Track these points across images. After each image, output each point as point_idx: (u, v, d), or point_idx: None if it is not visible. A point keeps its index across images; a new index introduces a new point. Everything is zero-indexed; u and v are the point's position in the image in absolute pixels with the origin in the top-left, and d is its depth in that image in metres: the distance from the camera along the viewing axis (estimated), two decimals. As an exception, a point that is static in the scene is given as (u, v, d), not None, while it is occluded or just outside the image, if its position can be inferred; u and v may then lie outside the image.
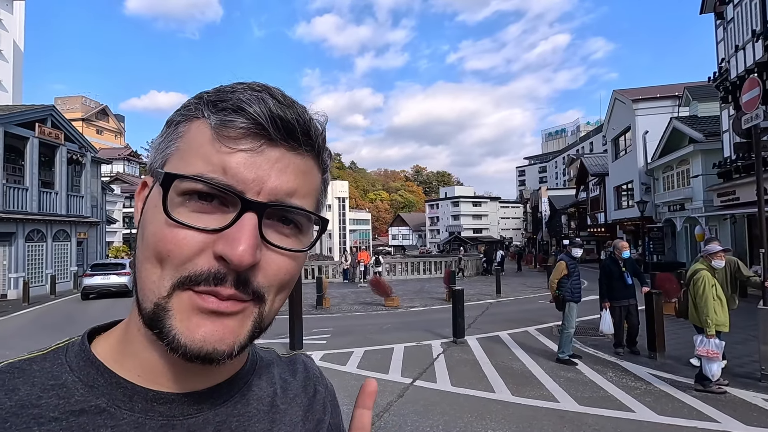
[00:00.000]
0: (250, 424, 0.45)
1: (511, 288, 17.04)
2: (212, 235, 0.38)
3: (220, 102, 0.40)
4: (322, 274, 20.91)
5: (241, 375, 0.47)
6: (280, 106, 0.40)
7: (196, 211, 0.38)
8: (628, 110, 23.66)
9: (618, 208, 26.63)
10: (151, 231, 0.39)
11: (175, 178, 0.38)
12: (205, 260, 0.37)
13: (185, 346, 0.37)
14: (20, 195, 16.74)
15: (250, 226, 0.38)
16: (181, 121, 0.42)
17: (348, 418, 0.52)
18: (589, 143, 62.17)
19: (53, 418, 0.37)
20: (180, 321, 0.37)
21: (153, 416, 0.40)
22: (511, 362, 6.53)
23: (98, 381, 0.40)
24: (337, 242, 63.54)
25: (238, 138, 0.39)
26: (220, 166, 0.38)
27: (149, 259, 0.39)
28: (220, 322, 0.38)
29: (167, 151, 0.42)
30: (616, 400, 4.85)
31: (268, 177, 0.39)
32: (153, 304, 0.38)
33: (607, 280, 6.79)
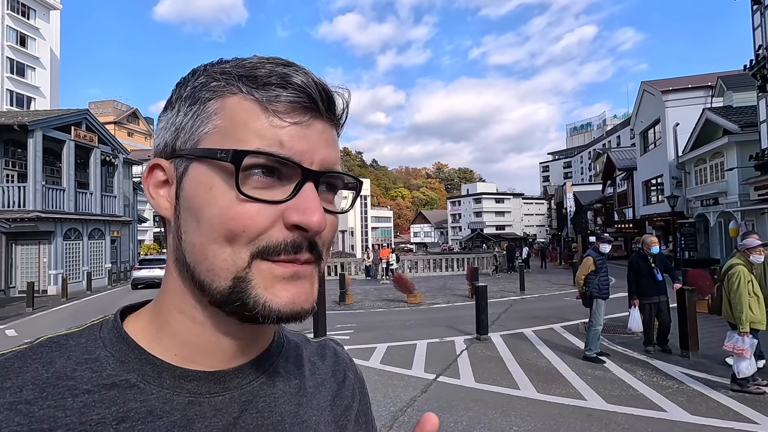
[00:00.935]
0: (276, 405, 0.45)
1: (536, 285, 16.77)
2: (279, 206, 0.39)
3: (257, 77, 0.40)
4: (345, 270, 21.07)
5: (267, 356, 0.48)
6: (317, 79, 0.42)
7: (261, 186, 0.39)
8: (657, 102, 22.84)
9: (647, 203, 25.78)
10: (216, 212, 0.39)
11: (246, 155, 0.38)
12: (278, 231, 0.39)
13: (278, 310, 0.39)
14: (58, 195, 17.53)
15: (314, 194, 0.40)
16: (209, 99, 0.41)
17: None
18: (616, 137, 60.35)
19: (86, 390, 0.38)
20: (265, 289, 0.39)
21: (180, 392, 0.40)
22: (536, 359, 6.44)
23: (129, 357, 0.41)
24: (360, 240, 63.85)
25: (287, 112, 0.40)
26: (276, 140, 0.39)
27: (216, 240, 0.39)
28: (300, 284, 0.40)
29: (200, 130, 0.41)
30: (646, 399, 4.72)
31: (318, 148, 0.41)
32: (232, 279, 0.39)
33: (635, 276, 6.59)
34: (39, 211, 16.21)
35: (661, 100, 22.31)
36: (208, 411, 0.41)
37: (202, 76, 0.43)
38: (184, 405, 0.40)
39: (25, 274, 16.67)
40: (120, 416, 0.37)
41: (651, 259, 6.48)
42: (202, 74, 0.43)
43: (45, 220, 16.57)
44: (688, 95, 21.89)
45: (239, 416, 0.42)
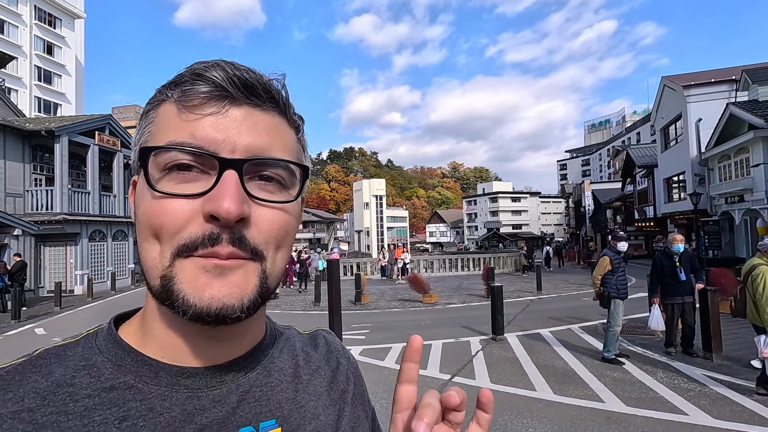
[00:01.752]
0: (273, 393, 0.47)
1: (553, 285, 16.53)
2: (198, 199, 0.39)
3: (179, 78, 0.42)
4: (361, 270, 21.17)
5: (261, 348, 0.49)
6: (236, 69, 0.42)
7: (179, 182, 0.40)
8: (678, 97, 22.24)
9: (668, 201, 25.13)
10: (142, 210, 0.41)
11: (151, 151, 0.40)
12: (197, 226, 0.39)
13: (195, 305, 0.38)
14: (83, 198, 18.09)
15: (231, 181, 0.39)
16: (149, 110, 0.44)
17: (386, 412, 0.55)
18: (636, 134, 58.97)
19: (86, 395, 0.39)
20: (186, 283, 0.38)
21: (178, 389, 0.42)
22: (553, 360, 6.38)
23: (125, 360, 0.42)
24: (375, 240, 63.95)
25: (201, 104, 0.40)
26: (188, 133, 0.39)
27: (146, 239, 0.40)
28: (226, 279, 0.39)
29: (140, 140, 0.43)
30: (667, 402, 4.63)
31: (239, 135, 0.40)
32: (159, 277, 0.39)
33: (657, 275, 6.42)
34: (66, 214, 16.76)
35: (682, 95, 21.71)
36: (207, 403, 0.42)
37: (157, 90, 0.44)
38: (182, 400, 0.41)
39: (53, 274, 17.25)
40: (121, 416, 0.39)
41: (677, 258, 6.30)
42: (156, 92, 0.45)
43: (71, 222, 17.13)
44: (711, 89, 21.24)
45: (237, 406, 0.43)
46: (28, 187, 16.85)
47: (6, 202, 15.71)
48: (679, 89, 22.11)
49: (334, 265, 7.82)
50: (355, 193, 70.81)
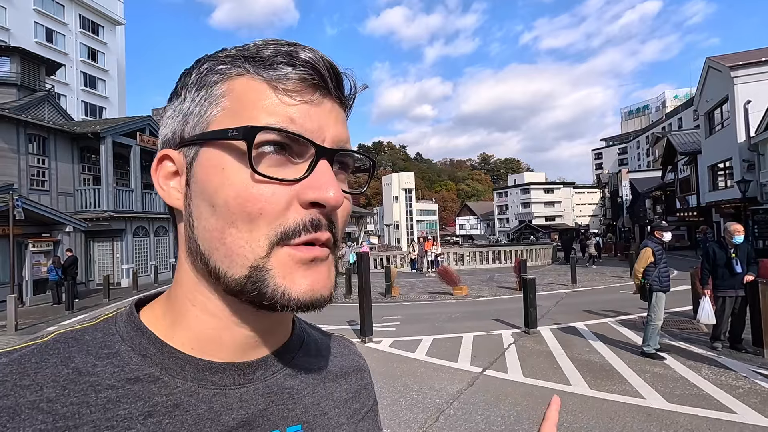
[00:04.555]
0: (300, 397, 0.45)
1: (588, 277, 16.04)
2: (293, 185, 0.38)
3: (264, 58, 0.39)
4: (391, 263, 21.27)
5: (288, 348, 0.47)
6: (327, 57, 0.40)
7: (274, 164, 0.38)
8: (725, 79, 20.89)
9: (713, 189, 23.77)
10: (233, 193, 0.37)
11: (259, 131, 0.37)
12: (294, 213, 0.38)
13: (297, 299, 0.37)
14: (127, 196, 19.10)
15: (329, 170, 0.39)
16: (217, 81, 0.40)
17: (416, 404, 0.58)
18: (677, 119, 55.94)
19: (110, 385, 0.37)
20: (283, 277, 0.37)
21: (205, 385, 0.40)
22: (589, 354, 6.22)
23: (150, 350, 0.40)
24: (405, 233, 63.96)
25: (296, 90, 0.39)
26: (286, 116, 0.38)
27: (234, 224, 0.37)
28: (318, 270, 0.39)
29: (208, 113, 0.40)
30: (713, 400, 4.42)
31: (329, 126, 0.40)
32: (249, 267, 0.37)
33: (710, 266, 6.08)
34: (112, 211, 17.76)
35: (729, 76, 20.38)
36: (234, 402, 0.40)
37: (207, 62, 0.42)
38: (209, 397, 0.39)
39: (102, 268, 18.33)
40: (147, 411, 0.36)
41: (732, 249, 5.96)
42: (206, 61, 0.42)
43: (117, 219, 18.15)
44: (761, 69, 19.81)
45: (266, 408, 0.42)
46: (78, 186, 17.92)
47: (58, 201, 16.77)
48: (726, 70, 20.77)
49: (363, 258, 7.91)
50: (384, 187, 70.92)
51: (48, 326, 10.25)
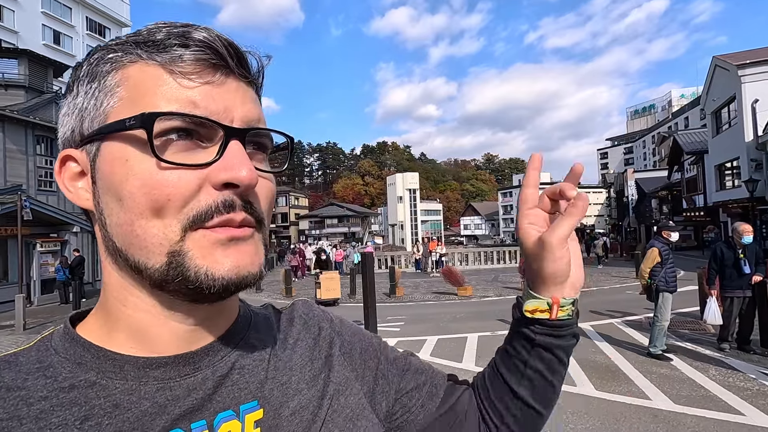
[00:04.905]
0: (252, 375, 0.44)
1: (594, 278, 15.95)
2: (204, 169, 0.37)
3: (157, 41, 0.38)
4: (395, 263, 21.27)
5: (236, 330, 0.46)
6: (222, 36, 0.39)
7: (181, 150, 0.37)
8: (731, 77, 20.72)
9: (720, 188, 23.57)
10: (138, 184, 0.36)
11: (157, 117, 0.35)
12: (206, 195, 0.37)
13: (222, 277, 0.37)
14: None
15: (241, 151, 0.38)
16: (109, 71, 0.39)
17: None
18: (684, 119, 55.60)
19: (42, 397, 0.36)
20: (204, 258, 0.37)
21: (147, 381, 0.39)
22: (594, 355, 6.18)
23: (85, 357, 0.39)
24: (409, 233, 63.91)
25: (195, 71, 0.38)
26: (187, 101, 0.37)
27: (143, 214, 0.37)
28: (242, 248, 0.38)
29: (104, 105, 0.38)
30: (720, 401, 4.39)
31: (235, 106, 0.39)
32: (167, 254, 0.37)
33: (717, 266, 6.02)
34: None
35: (736, 75, 20.21)
36: (181, 393, 0.40)
37: (97, 52, 0.40)
38: (153, 393, 0.39)
39: (107, 268, 18.53)
40: (83, 415, 0.36)
41: (741, 250, 5.90)
42: (97, 51, 0.40)
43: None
44: None
45: (215, 391, 0.41)
46: (84, 187, 18.08)
47: (66, 202, 16.92)
48: (733, 69, 20.61)
49: (368, 258, 7.92)
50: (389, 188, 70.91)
51: (56, 326, 10.33)
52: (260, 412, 0.43)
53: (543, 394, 0.57)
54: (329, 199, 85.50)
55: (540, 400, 0.57)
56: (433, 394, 0.58)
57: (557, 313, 0.54)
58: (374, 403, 0.54)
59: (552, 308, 0.54)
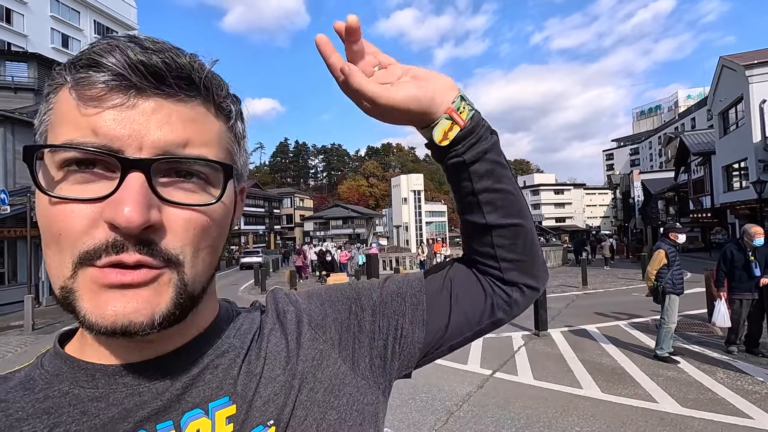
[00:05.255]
0: (227, 372, 0.44)
1: (600, 279, 15.86)
2: (100, 203, 0.35)
3: (77, 61, 0.37)
4: (400, 265, 21.25)
5: (213, 331, 0.46)
6: (142, 52, 0.36)
7: (79, 182, 0.36)
8: (739, 78, 20.56)
9: (728, 190, 23.37)
10: (40, 214, 0.37)
11: (36, 150, 0.36)
12: (100, 233, 0.35)
13: (96, 324, 0.35)
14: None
15: (135, 185, 0.35)
16: (49, 93, 0.39)
17: (426, 405, 0.56)
18: (691, 119, 55.19)
19: (19, 407, 0.39)
20: (88, 300, 0.36)
21: (117, 388, 0.40)
22: (600, 357, 6.15)
23: (63, 369, 0.42)
24: (414, 234, 63.89)
25: (102, 95, 0.36)
26: (89, 129, 0.35)
27: (47, 245, 0.37)
28: (132, 294, 0.36)
29: (41, 128, 0.39)
30: (728, 405, 4.35)
31: (147, 130, 0.36)
32: (59, 288, 0.37)
33: (727, 268, 5.95)
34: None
35: (743, 75, 20.05)
36: (149, 397, 0.40)
37: (53, 71, 0.39)
38: (121, 399, 0.40)
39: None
40: (52, 423, 0.38)
41: (751, 252, 5.83)
42: (54, 70, 0.40)
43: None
44: (777, 68, 19.47)
45: (183, 392, 0.42)
46: (91, 189, 18.29)
47: (72, 204, 17.13)
48: (740, 69, 20.45)
49: (373, 259, 7.96)
50: (393, 189, 70.90)
51: (63, 326, 10.41)
52: (233, 408, 0.43)
53: (509, 206, 0.56)
54: (334, 200, 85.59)
55: (511, 214, 0.56)
56: (416, 307, 0.56)
57: (462, 116, 0.52)
58: (359, 360, 0.52)
59: (453, 117, 0.51)
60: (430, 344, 0.56)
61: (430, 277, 0.59)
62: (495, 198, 0.55)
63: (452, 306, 0.56)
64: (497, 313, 0.58)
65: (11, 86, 17.24)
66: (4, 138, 14.63)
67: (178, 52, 0.39)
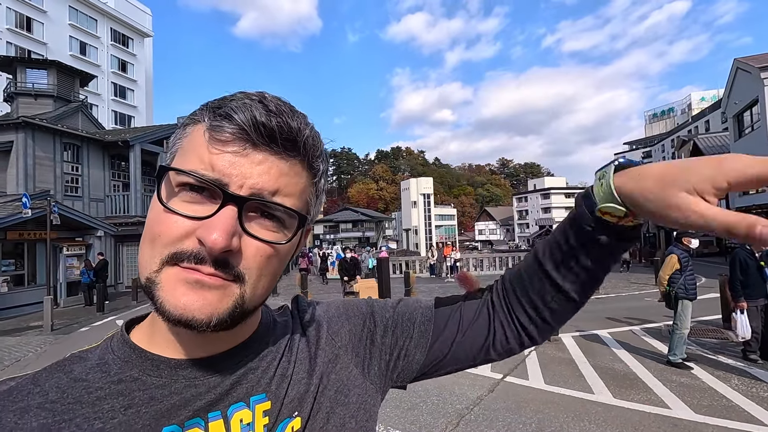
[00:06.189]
0: (266, 373, 0.52)
1: (612, 283, 15.66)
2: (198, 222, 0.43)
3: (217, 108, 0.46)
4: (410, 269, 21.27)
5: (255, 338, 0.54)
6: (266, 115, 0.45)
7: (188, 201, 0.45)
8: (754, 80, 20.22)
9: (744, 193, 22.95)
10: (150, 216, 0.46)
11: (167, 171, 0.46)
12: (190, 243, 0.43)
13: (168, 312, 0.43)
14: (153, 202, 19.76)
15: (227, 216, 0.43)
16: (188, 124, 0.49)
17: (437, 409, 0.62)
18: (704, 122, 54.23)
19: (98, 387, 0.46)
20: (166, 291, 0.43)
21: (177, 379, 0.48)
22: (613, 363, 6.12)
23: (132, 357, 0.49)
24: (424, 238, 63.72)
25: (226, 141, 0.45)
26: (209, 163, 0.44)
27: (145, 240, 0.46)
28: (202, 294, 0.43)
29: (173, 149, 0.49)
30: (743, 412, 4.30)
31: (250, 175, 0.45)
32: (145, 278, 0.44)
33: (743, 275, 5.83)
34: (140, 216, 18.38)
35: (759, 77, 19.72)
36: (203, 390, 0.48)
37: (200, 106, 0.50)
38: (181, 389, 0.47)
39: (130, 271, 18.91)
40: (127, 403, 0.45)
41: (760, 256, 5.79)
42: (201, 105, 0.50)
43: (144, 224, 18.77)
44: (794, 70, 19.11)
45: (231, 389, 0.50)
46: (108, 192, 18.64)
47: (90, 207, 17.48)
48: (755, 71, 20.13)
49: (384, 263, 8.01)
50: (403, 192, 70.88)
51: (81, 327, 10.67)
52: (268, 403, 0.51)
53: (588, 287, 0.57)
54: (343, 203, 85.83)
55: (583, 293, 0.58)
56: (422, 334, 0.63)
57: (631, 221, 0.50)
58: (369, 367, 0.61)
59: (627, 217, 0.49)
60: (427, 366, 0.64)
61: (441, 310, 0.66)
62: (587, 277, 0.56)
63: (455, 340, 0.63)
64: (491, 354, 0.64)
65: (31, 93, 17.68)
66: (25, 143, 15.01)
67: (292, 116, 0.47)
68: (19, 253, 13.81)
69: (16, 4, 29.74)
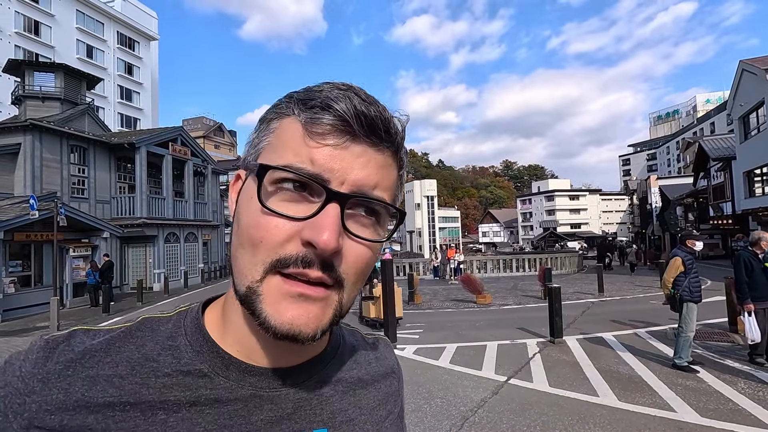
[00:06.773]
0: (328, 404, 0.49)
1: (616, 286, 15.62)
2: (300, 222, 0.40)
3: (309, 100, 0.42)
4: (413, 271, 21.25)
5: (323, 357, 0.51)
6: (364, 104, 0.42)
7: (286, 200, 0.41)
8: (760, 82, 20.12)
9: (750, 195, 22.79)
10: (246, 220, 0.43)
11: (269, 169, 0.41)
12: (293, 246, 0.40)
13: (275, 327, 0.40)
14: (160, 204, 19.88)
15: (333, 215, 0.40)
16: (273, 119, 0.45)
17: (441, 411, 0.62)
18: (710, 124, 54.04)
19: (167, 373, 0.44)
20: (269, 305, 0.41)
21: (244, 385, 0.45)
22: (617, 366, 6.10)
23: (203, 348, 0.46)
24: (427, 240, 63.65)
25: (325, 134, 0.42)
26: (308, 158, 0.41)
27: (243, 246, 0.42)
28: (306, 307, 0.41)
29: (260, 146, 0.45)
30: (750, 415, 4.27)
31: (351, 169, 0.42)
32: (246, 287, 0.42)
33: (744, 276, 5.81)
34: (145, 218, 18.53)
35: (765, 79, 19.62)
36: (266, 404, 0.45)
37: (277, 101, 0.46)
38: (246, 397, 0.45)
39: (135, 272, 19.05)
40: (192, 400, 0.43)
41: (762, 257, 5.75)
42: (277, 102, 0.46)
43: (150, 226, 18.91)
44: (801, 71, 19.00)
45: (293, 412, 0.46)
46: (114, 194, 18.78)
47: (96, 208, 17.61)
48: (761, 73, 20.03)
49: (387, 265, 8.01)
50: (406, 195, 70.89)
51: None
52: None
53: None
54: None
55: None
56: None
57: None
58: None
59: None
60: None
61: None
62: None
63: None
64: None
65: (39, 95, 17.85)
66: (32, 145, 15.16)
67: (384, 107, 0.45)
68: (26, 254, 13.96)
69: (25, 9, 30.07)
